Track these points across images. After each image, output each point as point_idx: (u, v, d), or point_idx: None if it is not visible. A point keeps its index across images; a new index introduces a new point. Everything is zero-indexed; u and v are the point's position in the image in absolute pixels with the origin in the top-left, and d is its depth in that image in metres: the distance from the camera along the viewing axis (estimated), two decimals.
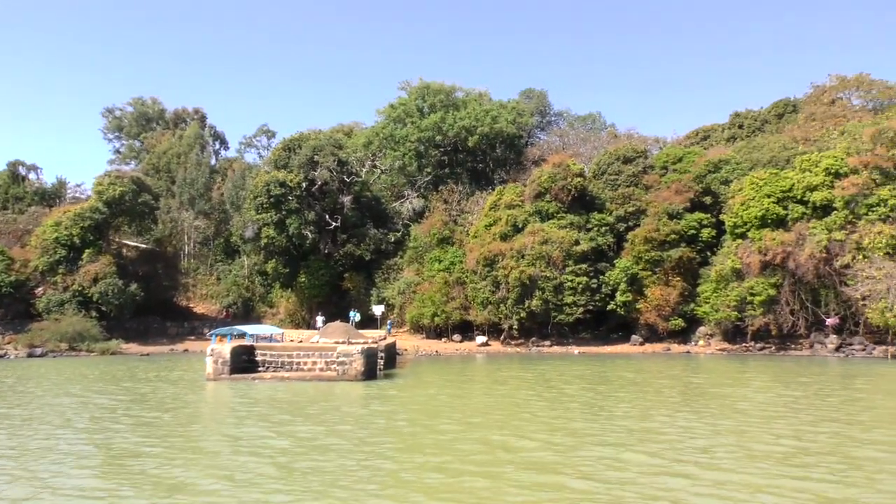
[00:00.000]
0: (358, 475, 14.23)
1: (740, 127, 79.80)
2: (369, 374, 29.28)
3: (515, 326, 53.31)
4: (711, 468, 14.77)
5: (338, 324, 36.24)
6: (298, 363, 29.79)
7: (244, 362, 29.86)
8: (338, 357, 28.41)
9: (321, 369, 29.41)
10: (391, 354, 38.31)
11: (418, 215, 67.58)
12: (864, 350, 44.38)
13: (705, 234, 54.29)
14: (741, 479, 13.88)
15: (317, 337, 34.83)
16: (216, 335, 34.26)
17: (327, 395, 25.25)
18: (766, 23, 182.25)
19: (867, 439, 17.85)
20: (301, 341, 35.21)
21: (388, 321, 55.50)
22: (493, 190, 63.59)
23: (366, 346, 29.41)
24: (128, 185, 58.97)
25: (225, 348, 29.17)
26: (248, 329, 36.01)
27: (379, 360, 32.74)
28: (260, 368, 30.18)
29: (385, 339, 39.58)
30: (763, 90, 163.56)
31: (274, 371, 29.86)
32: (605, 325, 55.67)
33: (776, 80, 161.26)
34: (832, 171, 45.12)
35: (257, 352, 30.47)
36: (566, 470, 14.65)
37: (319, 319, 44.07)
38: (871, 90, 60.91)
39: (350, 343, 29.94)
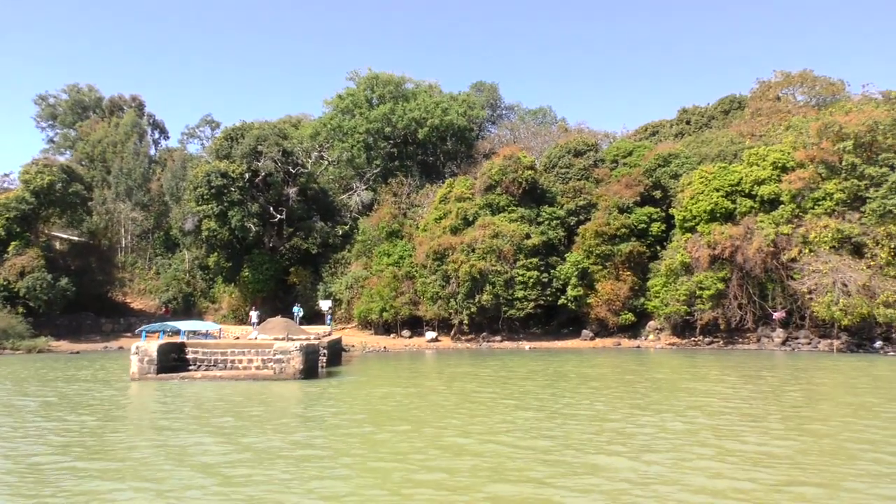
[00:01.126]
0: (274, 485, 12.84)
1: (687, 123, 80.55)
2: (309, 372, 27.68)
3: (466, 321, 52.30)
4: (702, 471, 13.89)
5: (278, 319, 34.52)
6: (233, 361, 27.98)
7: (173, 361, 27.91)
8: (274, 355, 26.76)
9: (257, 368, 27.68)
10: (335, 351, 36.79)
11: (367, 208, 65.97)
12: (809, 344, 44.76)
13: (655, 228, 54.21)
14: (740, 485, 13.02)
15: (254, 333, 33.03)
16: (146, 332, 32.14)
17: (260, 396, 23.60)
18: (712, 18, 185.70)
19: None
20: (238, 338, 33.49)
21: (328, 316, 53.72)
22: (444, 183, 62.41)
23: (305, 342, 27.79)
24: (57, 174, 55.68)
25: (151, 346, 27.19)
26: (183, 325, 33.91)
27: (321, 358, 31.22)
28: (191, 367, 28.24)
29: (329, 335, 37.99)
30: (709, 87, 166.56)
31: (206, 370, 27.94)
32: (556, 319, 55.13)
33: (722, 76, 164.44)
34: (779, 164, 45.35)
35: (188, 349, 28.52)
36: (531, 474, 13.53)
37: (254, 315, 41.74)
38: (814, 86, 61.80)
39: (289, 339, 28.26)
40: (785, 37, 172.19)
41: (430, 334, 53.57)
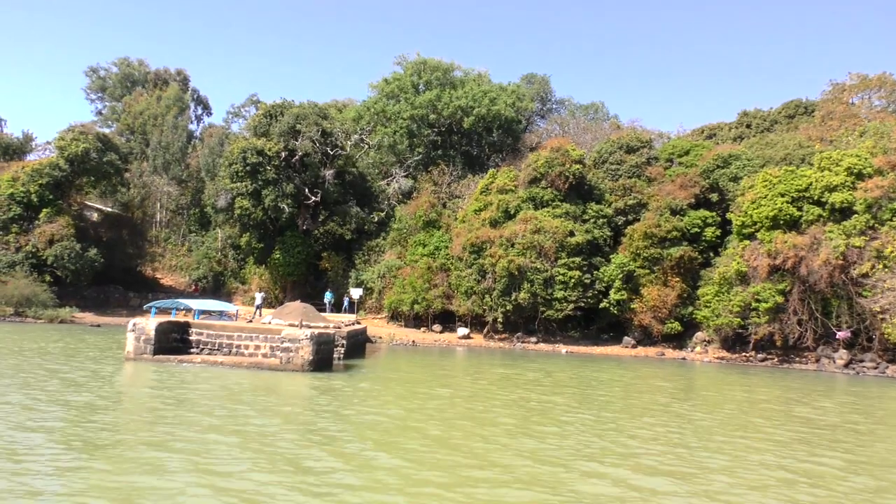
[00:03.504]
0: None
1: (748, 126, 76.32)
2: (321, 364, 25.26)
3: (500, 319, 49.46)
4: None
5: (296, 304, 32.22)
6: (239, 347, 25.68)
7: (174, 342, 25.75)
8: (282, 343, 24.41)
9: (264, 355, 25.32)
10: (358, 342, 34.40)
11: (405, 196, 63.60)
12: (876, 368, 40.72)
13: (709, 233, 50.55)
14: None
15: (269, 317, 30.80)
16: (156, 308, 30.19)
17: (253, 389, 21.09)
18: (777, 22, 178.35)
19: None
20: (250, 321, 31.36)
21: (345, 303, 51.41)
22: (486, 174, 59.62)
23: (317, 331, 25.30)
24: (92, 142, 54.51)
25: (150, 323, 25.06)
26: (196, 304, 31.92)
27: (338, 349, 28.82)
28: (193, 350, 26.05)
29: (352, 324, 35.60)
30: (771, 93, 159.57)
31: (209, 354, 25.72)
32: (596, 324, 51.89)
33: (785, 82, 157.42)
34: (854, 171, 41.33)
35: (192, 330, 26.33)
36: None
37: (258, 296, 39.41)
38: (893, 91, 57.10)
39: (302, 326, 25.86)
40: (856, 41, 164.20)
41: (462, 330, 50.90)
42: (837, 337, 41.93)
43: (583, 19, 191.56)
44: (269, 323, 28.44)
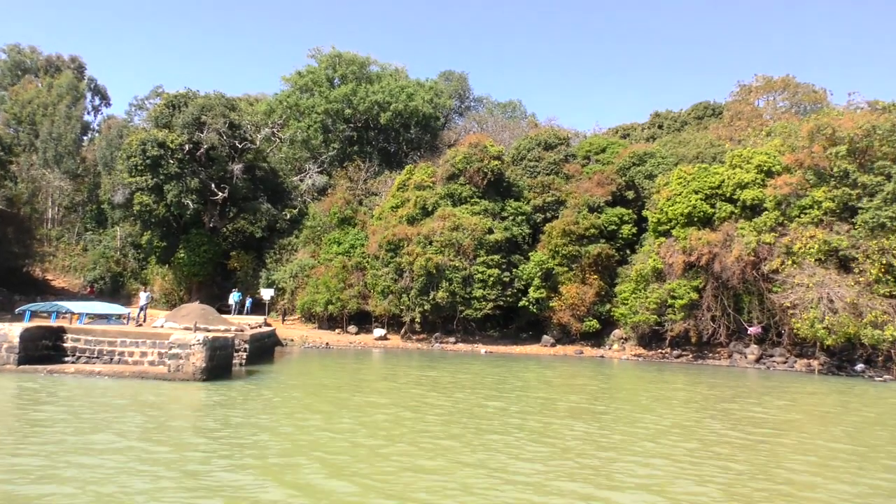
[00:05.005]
0: None
1: (660, 127, 77.95)
2: (216, 371, 22.82)
3: (418, 320, 47.92)
4: None
5: (194, 305, 29.61)
6: (122, 353, 22.99)
7: (44, 349, 22.80)
8: (170, 349, 21.86)
9: (152, 363, 22.76)
10: (264, 346, 32.08)
11: (320, 193, 61.16)
12: (785, 363, 41.49)
13: (626, 230, 50.68)
14: None
15: (161, 320, 28.04)
16: (30, 312, 26.92)
17: (131, 400, 18.53)
18: (686, 25, 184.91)
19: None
20: (140, 325, 28.51)
21: (247, 304, 49.39)
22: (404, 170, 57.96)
23: (211, 335, 22.86)
24: None
25: (13, 329, 22.11)
26: (78, 307, 28.76)
27: (240, 353, 26.52)
28: (68, 358, 23.23)
29: (258, 327, 33.20)
30: (682, 93, 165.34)
31: (87, 362, 23.00)
32: (515, 323, 51.13)
33: (695, 83, 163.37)
34: (764, 168, 42.03)
35: (68, 336, 23.35)
36: None
37: (143, 296, 35.76)
38: (796, 93, 59.13)
39: (197, 329, 23.36)
40: (761, 43, 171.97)
41: (379, 331, 49.05)
42: (749, 332, 42.54)
43: (498, 16, 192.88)
44: (162, 327, 25.82)
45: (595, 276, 49.00)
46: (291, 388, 23.13)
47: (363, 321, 51.39)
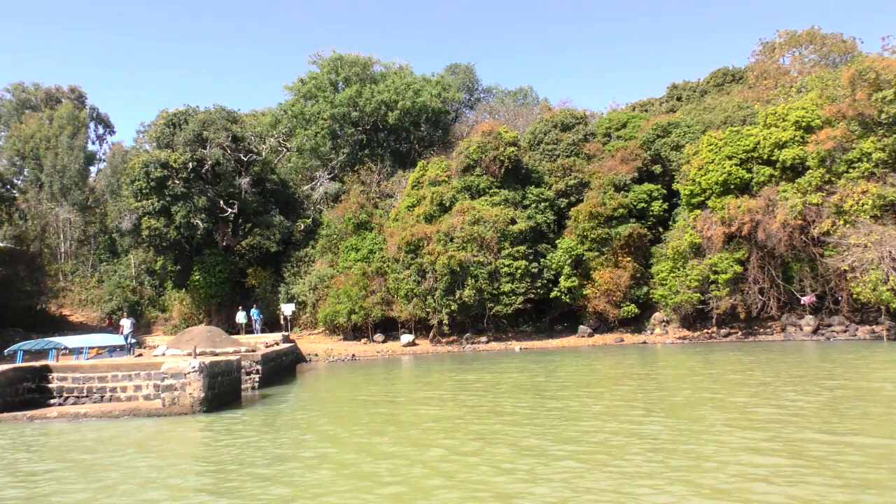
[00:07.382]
0: None
1: (678, 99, 74.67)
2: (219, 400, 20.02)
3: (446, 321, 45.44)
4: None
5: (199, 328, 27.38)
6: (115, 389, 20.67)
7: (26, 392, 20.56)
8: (163, 380, 19.05)
9: (146, 397, 20.44)
10: (282, 365, 29.79)
11: (333, 200, 59.02)
12: (846, 332, 38.27)
13: (656, 206, 47.79)
14: None
15: (162, 347, 25.80)
16: (22, 351, 24.84)
17: (113, 446, 15.27)
18: None
19: None
20: (140, 354, 26.38)
21: (256, 321, 47.56)
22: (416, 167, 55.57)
23: (210, 360, 20.21)
24: None
25: None
26: (73, 342, 26.66)
27: (253, 376, 24.23)
28: (54, 400, 20.99)
29: (274, 344, 30.94)
30: (698, 63, 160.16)
31: (75, 402, 20.75)
32: (549, 315, 48.45)
33: (711, 52, 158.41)
34: (803, 124, 38.87)
35: (53, 375, 21.03)
36: None
37: (126, 322, 32.86)
38: (824, 45, 55.57)
39: (197, 355, 20.75)
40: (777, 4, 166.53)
41: (406, 337, 46.65)
42: (802, 302, 39.43)
43: (501, 2, 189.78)
44: (163, 354, 23.65)
45: (628, 259, 46.20)
46: (309, 411, 20.45)
47: (389, 328, 49.07)
